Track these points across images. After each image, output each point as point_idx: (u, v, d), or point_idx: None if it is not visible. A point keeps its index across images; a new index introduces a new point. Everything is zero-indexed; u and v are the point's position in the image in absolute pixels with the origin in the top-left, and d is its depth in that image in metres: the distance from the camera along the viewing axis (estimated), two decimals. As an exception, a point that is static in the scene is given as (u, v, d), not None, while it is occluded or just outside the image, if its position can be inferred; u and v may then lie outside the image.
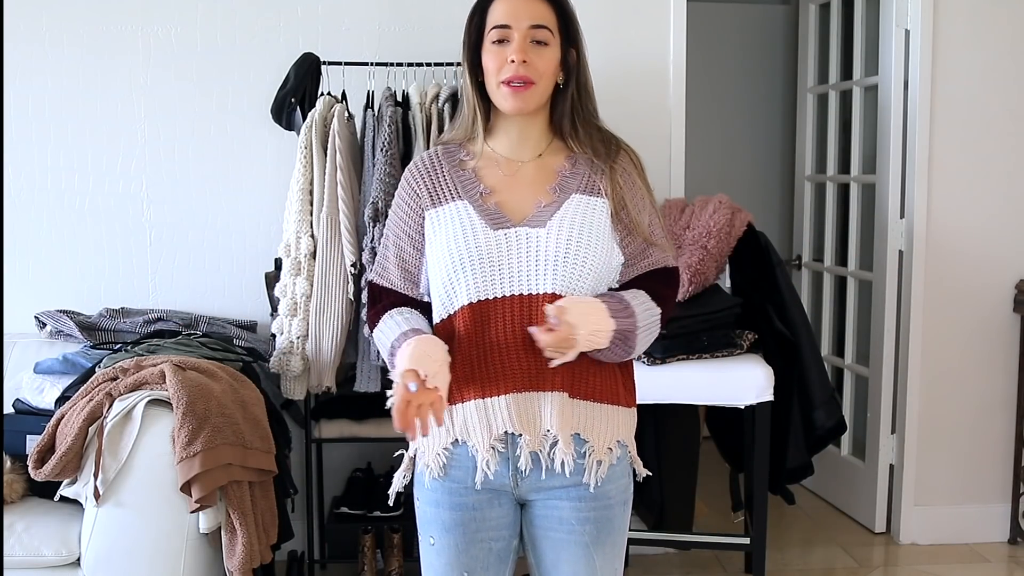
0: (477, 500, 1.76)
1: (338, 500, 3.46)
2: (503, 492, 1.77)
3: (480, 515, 1.77)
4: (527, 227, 1.73)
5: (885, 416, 3.81)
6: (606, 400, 1.76)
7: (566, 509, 1.75)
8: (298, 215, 3.01)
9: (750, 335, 3.08)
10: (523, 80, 1.72)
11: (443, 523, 1.78)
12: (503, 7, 1.75)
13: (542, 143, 1.82)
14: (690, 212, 3.26)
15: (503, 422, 1.70)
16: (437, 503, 1.78)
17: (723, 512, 3.61)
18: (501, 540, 1.79)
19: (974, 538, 3.76)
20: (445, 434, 1.75)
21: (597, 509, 1.75)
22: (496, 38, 1.74)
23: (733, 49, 5.03)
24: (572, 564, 1.76)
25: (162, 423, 2.51)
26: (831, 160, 4.25)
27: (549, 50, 1.74)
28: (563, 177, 1.78)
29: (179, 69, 3.39)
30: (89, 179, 3.40)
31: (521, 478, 1.74)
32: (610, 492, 1.77)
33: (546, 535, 1.78)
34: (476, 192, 1.78)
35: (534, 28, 1.73)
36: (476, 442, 1.72)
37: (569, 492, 1.74)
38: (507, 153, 1.81)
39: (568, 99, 1.79)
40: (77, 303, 3.35)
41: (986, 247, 3.69)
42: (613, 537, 1.79)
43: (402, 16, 3.43)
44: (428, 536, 1.81)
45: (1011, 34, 3.63)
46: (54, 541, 2.52)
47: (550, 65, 1.74)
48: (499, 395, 1.70)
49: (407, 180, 1.85)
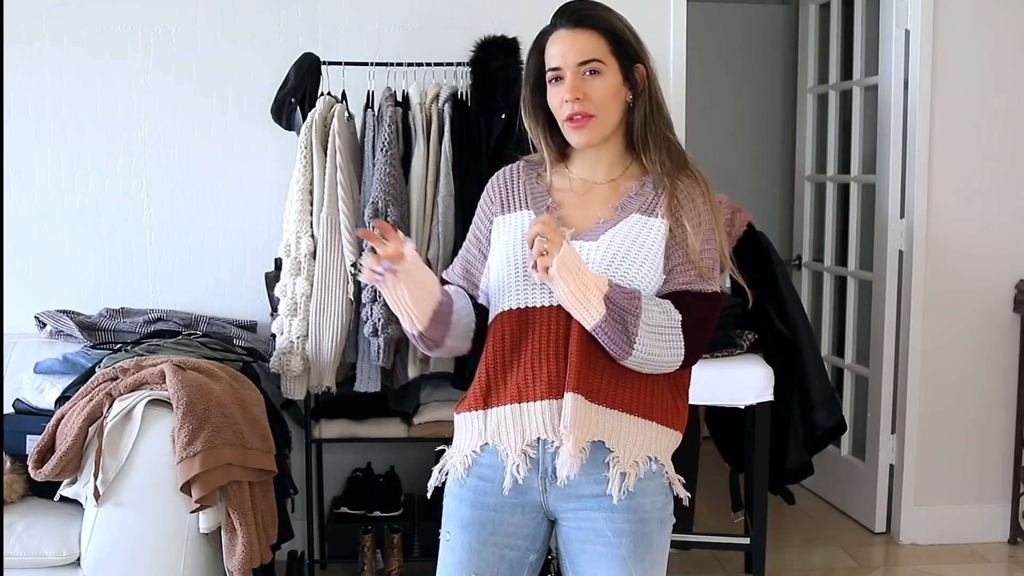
0: (500, 502, 1.74)
1: (338, 500, 3.46)
2: (530, 500, 1.74)
3: (499, 518, 1.75)
4: (581, 240, 1.75)
5: (885, 416, 3.81)
6: (637, 412, 1.72)
7: (599, 520, 1.71)
8: (298, 215, 3.01)
9: (750, 335, 3.08)
10: (581, 114, 1.75)
11: (462, 520, 1.77)
12: (554, 49, 1.77)
13: (617, 167, 1.84)
14: (690, 212, 3.25)
15: (537, 427, 1.70)
16: (461, 499, 1.78)
17: (723, 512, 3.61)
18: (516, 550, 1.76)
19: (974, 538, 3.76)
20: (476, 437, 1.75)
21: (632, 522, 1.71)
22: (552, 78, 1.78)
23: (733, 49, 5.03)
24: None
25: (162, 423, 2.51)
26: (831, 160, 4.25)
27: (603, 78, 1.76)
28: (627, 197, 1.80)
29: (179, 69, 3.39)
30: (89, 179, 3.40)
31: (550, 483, 1.72)
32: (644, 506, 1.72)
33: (583, 548, 1.74)
34: (543, 205, 1.81)
35: (583, 64, 1.74)
36: (508, 446, 1.72)
37: (600, 502, 1.71)
38: (583, 175, 1.85)
39: (640, 115, 1.80)
40: (77, 303, 3.35)
41: (986, 247, 3.69)
42: (652, 554, 1.74)
43: (402, 16, 3.43)
44: (446, 531, 1.80)
45: (1011, 34, 3.63)
46: (54, 541, 2.52)
47: (607, 93, 1.76)
48: (535, 400, 1.70)
49: (489, 187, 1.91)
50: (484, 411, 1.75)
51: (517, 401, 1.71)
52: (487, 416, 1.74)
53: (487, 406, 1.75)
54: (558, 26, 1.78)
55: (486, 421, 1.74)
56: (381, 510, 3.35)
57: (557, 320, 1.71)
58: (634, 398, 1.72)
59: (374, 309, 2.96)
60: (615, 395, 1.71)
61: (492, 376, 1.75)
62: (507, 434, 1.72)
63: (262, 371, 3.05)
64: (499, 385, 1.74)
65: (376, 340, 2.96)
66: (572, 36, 1.75)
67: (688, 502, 1.82)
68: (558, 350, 1.70)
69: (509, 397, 1.72)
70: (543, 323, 1.72)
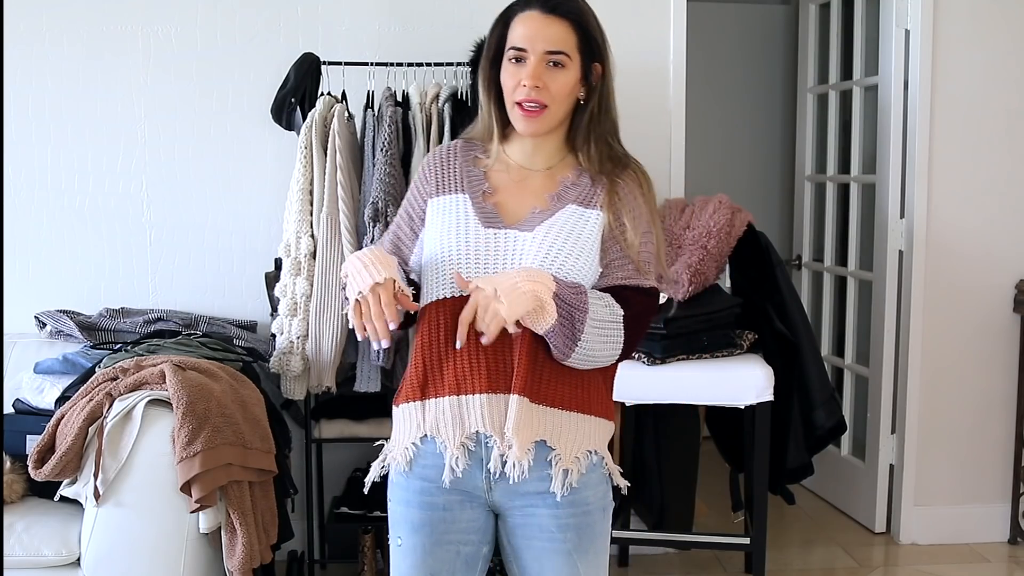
0: (447, 501, 1.74)
1: (338, 500, 3.46)
2: (475, 496, 1.74)
3: (450, 516, 1.74)
4: (516, 230, 1.73)
5: (885, 416, 3.81)
6: (576, 408, 1.73)
7: (544, 517, 1.72)
8: (298, 215, 3.01)
9: (750, 335, 3.08)
10: (536, 103, 1.72)
11: (411, 523, 1.76)
12: (522, 28, 1.73)
13: (555, 156, 1.82)
14: (690, 212, 3.26)
15: (476, 421, 1.68)
16: (407, 502, 1.76)
17: (723, 512, 3.61)
18: (470, 545, 1.76)
19: (974, 538, 3.76)
20: (415, 429, 1.73)
21: (576, 515, 1.73)
22: (513, 56, 1.73)
23: (733, 49, 5.03)
24: (556, 573, 1.74)
25: (162, 423, 2.51)
26: (831, 160, 4.25)
27: (565, 72, 1.73)
28: (564, 187, 1.78)
29: (179, 69, 3.39)
30: (89, 179, 3.40)
31: (493, 481, 1.71)
32: (588, 498, 1.74)
33: (528, 544, 1.75)
34: (479, 189, 1.78)
35: (551, 53, 1.71)
36: (446, 438, 1.70)
37: (545, 499, 1.71)
38: (520, 161, 1.82)
39: (586, 115, 1.78)
40: (77, 303, 3.35)
41: (986, 247, 3.69)
42: (596, 544, 1.77)
43: (402, 16, 3.43)
44: (396, 536, 1.79)
45: (1011, 34, 3.63)
46: (54, 541, 2.52)
47: (564, 88, 1.73)
48: (474, 393, 1.68)
49: (424, 165, 1.87)
50: (422, 402, 1.72)
51: (456, 393, 1.69)
52: (425, 407, 1.72)
53: (424, 397, 1.72)
54: (531, 6, 1.73)
55: (424, 413, 1.72)
56: (381, 510, 3.33)
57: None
58: (573, 395, 1.72)
59: (374, 309, 2.96)
60: (556, 394, 1.71)
61: (428, 366, 1.72)
62: (446, 426, 1.70)
63: (262, 371, 3.05)
64: (435, 376, 1.71)
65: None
66: (544, 22, 1.71)
67: (685, 500, 1.82)
68: (496, 342, 1.64)
69: (447, 389, 1.70)
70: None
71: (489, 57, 1.79)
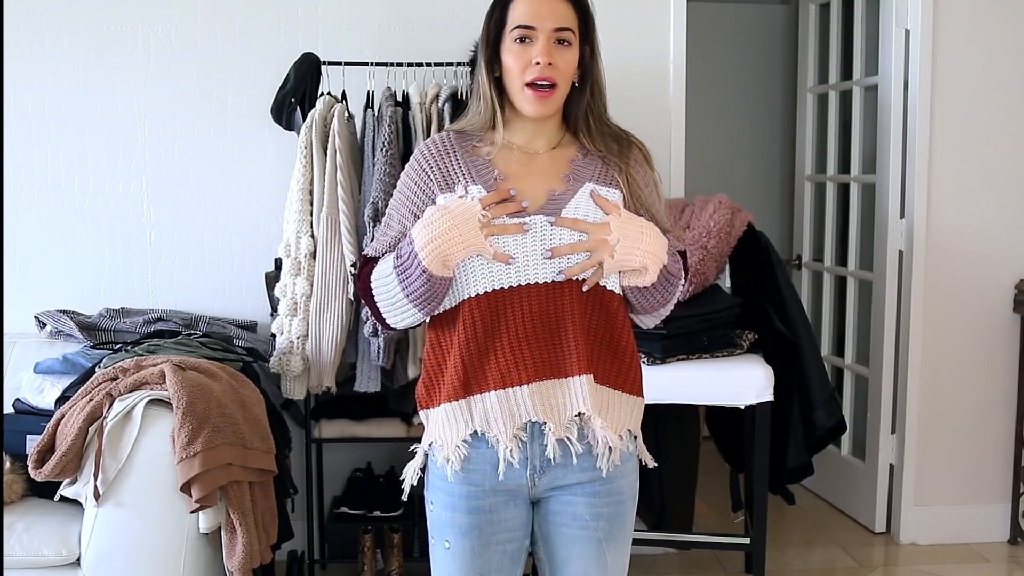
0: (493, 503, 1.75)
1: (338, 500, 3.46)
2: (519, 493, 1.76)
3: (496, 517, 1.76)
4: (541, 215, 1.71)
5: (885, 416, 3.81)
6: (623, 388, 1.77)
7: (580, 505, 1.75)
8: (298, 215, 3.01)
9: (750, 335, 3.08)
10: (549, 81, 1.71)
11: (459, 527, 1.76)
12: (527, 6, 1.72)
13: (556, 137, 1.82)
14: (690, 212, 3.26)
15: (527, 411, 1.69)
16: (454, 507, 1.76)
17: (723, 512, 3.61)
18: (515, 541, 1.79)
19: (974, 538, 3.76)
20: (463, 427, 1.72)
21: (611, 504, 1.77)
22: (519, 36, 1.72)
23: (733, 49, 5.03)
24: (583, 560, 1.77)
25: (162, 423, 2.51)
26: (831, 160, 4.25)
27: (571, 51, 1.74)
28: (576, 166, 1.78)
29: (179, 69, 3.39)
30: (89, 179, 3.40)
31: (539, 477, 1.74)
32: (623, 487, 1.78)
33: (559, 531, 1.78)
34: (490, 178, 1.76)
35: (559, 30, 1.71)
36: (498, 432, 1.70)
37: (584, 488, 1.75)
38: (521, 144, 1.80)
39: (583, 98, 1.79)
40: (77, 303, 3.35)
41: (986, 247, 3.69)
42: (624, 532, 1.81)
43: (402, 16, 3.43)
44: (443, 540, 1.79)
45: (1011, 34, 3.63)
46: (54, 541, 2.52)
47: (571, 66, 1.75)
48: (521, 384, 1.69)
49: (417, 161, 1.82)
50: (467, 399, 1.72)
51: (502, 387, 1.69)
52: (471, 404, 1.72)
53: (469, 394, 1.72)
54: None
55: (471, 409, 1.72)
56: (381, 510, 3.34)
57: (532, 300, 1.69)
58: (614, 372, 1.76)
59: (374, 309, 2.96)
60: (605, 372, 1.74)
61: (468, 364, 1.71)
62: (496, 420, 1.70)
63: (262, 371, 3.05)
64: (478, 372, 1.71)
65: (376, 340, 2.96)
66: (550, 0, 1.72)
67: (685, 500, 1.85)
68: (539, 330, 1.68)
69: (493, 383, 1.70)
70: (517, 304, 1.69)
71: (488, 41, 1.76)
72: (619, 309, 1.76)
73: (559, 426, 1.69)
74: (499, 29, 1.75)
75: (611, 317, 1.75)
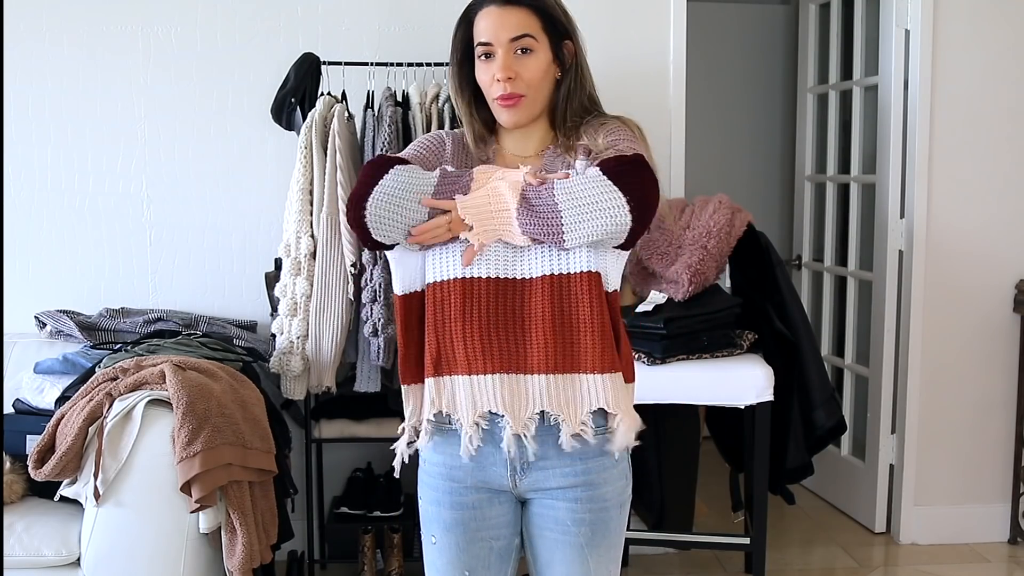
0: (477, 499, 1.78)
1: (338, 500, 3.46)
2: (501, 491, 1.78)
3: (480, 514, 1.78)
4: None
5: (885, 416, 3.81)
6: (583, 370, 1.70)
7: (562, 510, 1.76)
8: (298, 215, 3.01)
9: (750, 335, 3.08)
10: (511, 96, 1.74)
11: (444, 522, 1.79)
12: (483, 23, 1.75)
13: (546, 139, 1.84)
14: (690, 212, 3.26)
15: (489, 400, 1.70)
16: (439, 502, 1.80)
17: (723, 512, 3.61)
18: (502, 539, 1.81)
19: (974, 538, 3.76)
20: (430, 404, 1.74)
21: (593, 511, 1.76)
22: (481, 54, 1.76)
23: (733, 49, 5.03)
24: (566, 565, 1.78)
25: (162, 423, 2.51)
26: (831, 160, 4.25)
27: (535, 57, 1.74)
28: (548, 160, 1.79)
29: (179, 69, 3.39)
30: (89, 179, 3.40)
31: (519, 478, 1.75)
32: (607, 495, 1.77)
33: (542, 534, 1.79)
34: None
35: (516, 40, 1.73)
36: (461, 416, 1.72)
37: (566, 493, 1.75)
38: (514, 151, 1.84)
39: (563, 93, 1.79)
40: (77, 303, 3.35)
41: (986, 247, 3.69)
42: (609, 540, 1.80)
43: (402, 16, 3.43)
44: (430, 535, 1.82)
45: (1011, 34, 3.63)
46: (54, 541, 2.52)
47: (537, 72, 1.75)
48: (487, 373, 1.70)
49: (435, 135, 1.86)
50: (437, 378, 1.73)
51: (468, 373, 1.70)
52: (440, 383, 1.73)
53: (439, 374, 1.73)
54: (488, 2, 1.75)
55: (439, 388, 1.73)
56: (381, 510, 3.34)
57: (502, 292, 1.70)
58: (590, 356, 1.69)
59: (374, 309, 2.97)
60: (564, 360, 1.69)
61: (441, 343, 1.72)
62: (460, 404, 1.72)
63: (262, 371, 3.05)
64: (448, 354, 1.72)
65: (376, 340, 2.96)
66: (502, 12, 1.73)
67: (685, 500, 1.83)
68: (507, 323, 1.69)
69: (460, 368, 1.71)
70: (486, 295, 1.70)
71: (457, 60, 1.81)
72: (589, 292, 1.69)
73: (518, 421, 1.69)
74: (466, 47, 1.79)
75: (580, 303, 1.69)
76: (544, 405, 1.70)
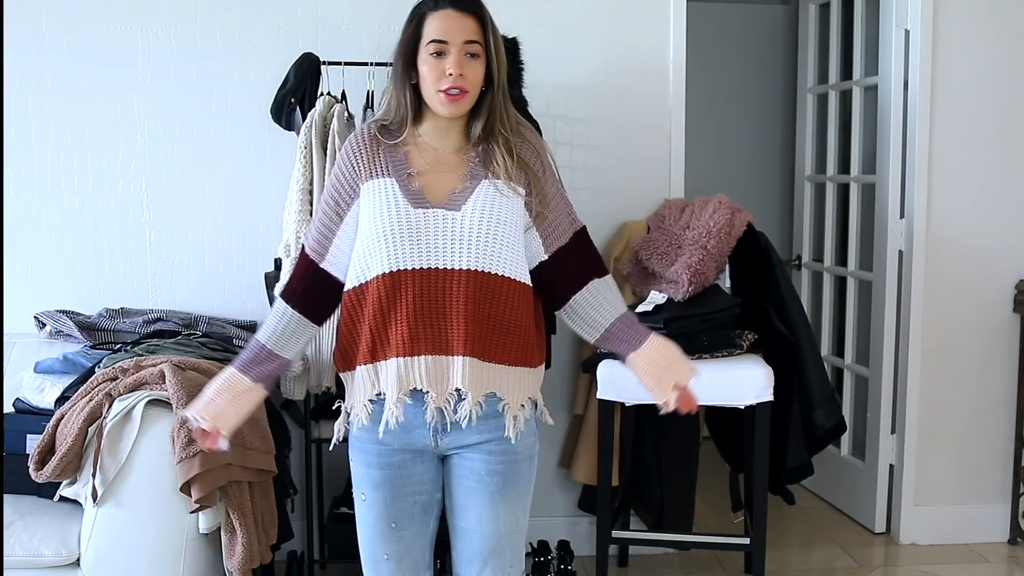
0: (402, 459, 2.01)
1: (338, 500, 3.46)
2: (425, 452, 2.02)
3: (405, 472, 2.02)
4: (443, 209, 1.96)
5: (885, 416, 3.81)
6: (518, 363, 2.00)
7: (478, 462, 2.01)
8: (298, 215, 3.01)
9: (750, 335, 3.08)
10: (459, 89, 1.94)
11: (372, 481, 2.02)
12: (440, 23, 1.95)
13: (463, 137, 2.04)
14: (690, 212, 3.26)
15: (415, 379, 1.93)
16: (368, 463, 2.03)
17: (723, 512, 3.61)
18: (424, 494, 2.05)
19: (974, 538, 3.76)
20: (370, 388, 1.98)
21: (505, 463, 2.01)
22: (434, 51, 1.94)
23: (733, 49, 5.03)
24: (478, 509, 2.02)
25: (162, 423, 2.51)
26: (831, 160, 4.25)
27: (479, 61, 1.97)
28: (472, 165, 2.00)
29: (179, 69, 3.39)
30: (89, 179, 3.40)
31: (440, 438, 1.99)
32: (518, 448, 2.02)
33: (459, 483, 2.03)
34: (404, 172, 1.99)
35: (468, 43, 1.94)
36: (387, 393, 1.96)
37: (481, 448, 2.00)
38: (433, 143, 2.03)
39: (487, 103, 2.00)
40: (77, 303, 3.35)
41: (986, 247, 3.69)
42: (518, 488, 2.04)
43: (402, 16, 3.38)
44: (360, 493, 2.05)
45: (1011, 34, 3.63)
46: (54, 541, 2.52)
47: (479, 75, 1.97)
48: (419, 355, 1.93)
49: (348, 152, 2.04)
50: (374, 364, 1.97)
51: (402, 355, 1.94)
52: (377, 368, 1.97)
53: (375, 359, 1.97)
54: (444, 5, 1.96)
55: (377, 373, 1.97)
56: (381, 510, 3.34)
57: (426, 282, 1.92)
58: (514, 351, 1.99)
59: (374, 309, 2.96)
60: (497, 351, 1.97)
61: (375, 333, 1.96)
62: (391, 385, 1.95)
63: (262, 371, 3.04)
64: (382, 341, 1.96)
65: (376, 340, 2.96)
66: (459, 17, 1.95)
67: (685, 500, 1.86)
68: (436, 309, 1.93)
69: (395, 351, 1.94)
70: (415, 284, 1.93)
71: (404, 53, 1.99)
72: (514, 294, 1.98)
73: (440, 396, 1.94)
74: (415, 42, 1.98)
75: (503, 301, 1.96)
76: (459, 383, 1.93)
